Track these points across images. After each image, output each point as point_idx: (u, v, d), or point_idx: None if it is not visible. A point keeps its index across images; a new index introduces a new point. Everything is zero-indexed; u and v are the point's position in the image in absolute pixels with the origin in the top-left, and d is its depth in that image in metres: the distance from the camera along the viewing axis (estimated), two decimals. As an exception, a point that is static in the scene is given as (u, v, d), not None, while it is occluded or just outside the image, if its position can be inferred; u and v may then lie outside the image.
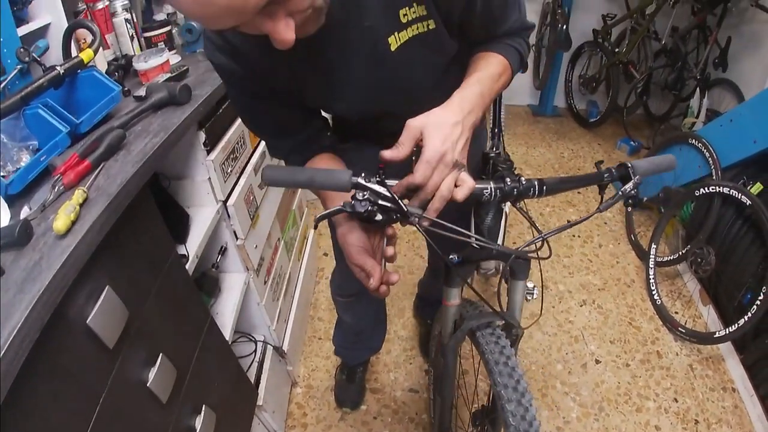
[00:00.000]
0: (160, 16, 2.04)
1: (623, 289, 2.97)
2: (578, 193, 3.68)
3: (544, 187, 1.00)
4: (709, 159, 2.71)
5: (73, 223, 0.91)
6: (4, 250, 0.88)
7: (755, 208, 2.30)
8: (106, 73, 1.59)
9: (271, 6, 0.73)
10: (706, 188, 2.58)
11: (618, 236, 3.39)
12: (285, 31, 0.77)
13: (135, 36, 1.78)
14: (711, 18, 3.75)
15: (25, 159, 1.13)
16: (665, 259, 2.89)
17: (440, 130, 0.91)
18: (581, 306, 2.84)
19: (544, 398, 2.33)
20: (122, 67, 1.65)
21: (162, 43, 1.83)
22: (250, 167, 1.78)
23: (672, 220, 3.03)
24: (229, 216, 1.63)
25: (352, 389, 2.31)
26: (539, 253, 1.08)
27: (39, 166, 1.10)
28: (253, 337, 2.04)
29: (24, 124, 1.18)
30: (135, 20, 1.78)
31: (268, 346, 2.07)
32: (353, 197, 0.90)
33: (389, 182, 0.91)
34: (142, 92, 1.43)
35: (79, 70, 1.33)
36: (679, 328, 2.59)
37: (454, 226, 0.98)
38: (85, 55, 1.33)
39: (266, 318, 1.97)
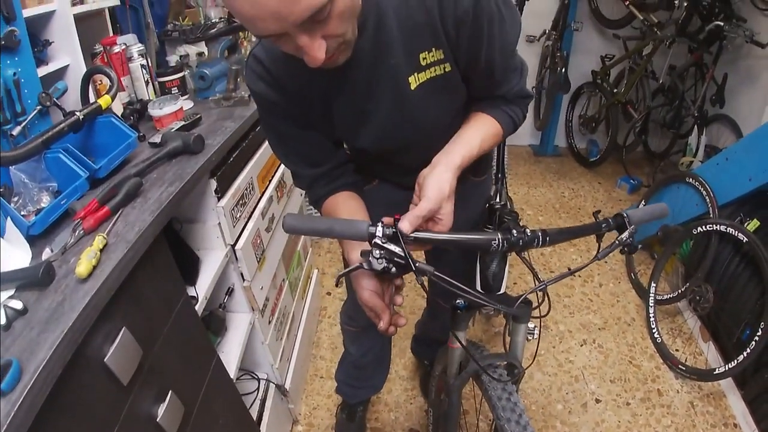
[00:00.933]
0: (173, 58, 2.13)
1: (624, 327, 2.99)
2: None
3: (548, 238, 1.06)
4: (706, 197, 2.76)
5: (94, 267, 0.96)
6: (27, 289, 0.93)
7: (752, 245, 2.34)
8: (121, 116, 1.66)
9: (311, 23, 0.83)
10: (703, 226, 2.63)
11: (618, 275, 3.43)
12: (318, 50, 0.88)
13: (150, 81, 1.85)
14: (707, 56, 3.84)
15: (45, 200, 1.19)
16: (665, 297, 2.92)
17: (440, 185, 1.04)
18: (581, 345, 2.86)
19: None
20: (137, 111, 1.72)
21: (175, 88, 1.91)
22: (257, 212, 1.84)
23: (671, 258, 3.07)
24: (237, 259, 1.68)
25: (352, 428, 2.32)
26: (539, 302, 1.17)
27: (59, 209, 1.16)
28: (256, 375, 2.07)
29: (44, 167, 1.25)
30: (150, 65, 1.85)
31: (271, 384, 2.10)
32: (371, 254, 0.97)
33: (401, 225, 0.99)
34: (156, 138, 1.50)
35: (97, 116, 1.40)
36: (680, 366, 2.60)
37: (459, 284, 1.04)
38: (103, 101, 1.40)
39: (269, 357, 2.01)
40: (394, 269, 0.98)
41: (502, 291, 1.24)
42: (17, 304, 0.89)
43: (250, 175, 1.81)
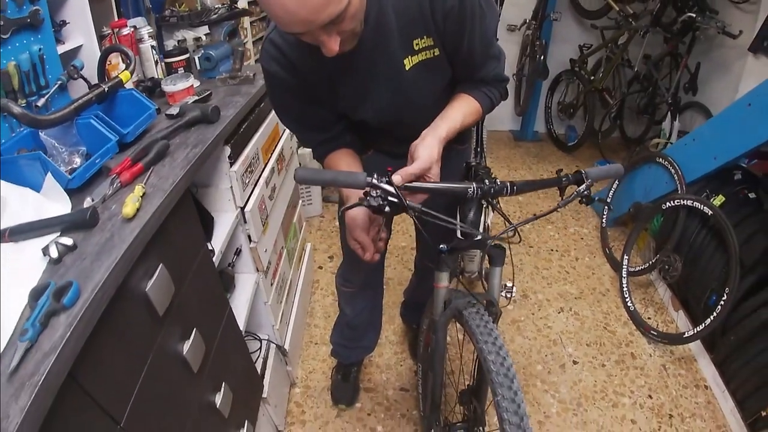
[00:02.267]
0: (170, 42, 2.26)
1: (599, 297, 3.16)
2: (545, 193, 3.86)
3: (515, 187, 1.27)
4: (675, 175, 2.94)
5: (138, 210, 1.11)
6: (72, 232, 1.07)
7: (717, 218, 2.51)
8: (134, 92, 1.80)
9: (329, 25, 1.04)
10: (672, 202, 2.81)
11: (593, 250, 3.61)
12: (333, 43, 1.09)
13: (158, 61, 1.98)
14: (681, 45, 4.00)
15: (77, 161, 1.32)
16: (637, 268, 3.09)
17: (430, 150, 1.26)
18: (559, 313, 3.03)
19: (525, 395, 2.45)
20: (148, 89, 1.85)
21: (181, 68, 2.04)
22: (262, 180, 1.99)
23: (644, 234, 3.25)
24: (245, 221, 1.82)
25: (347, 388, 2.46)
26: (511, 241, 1.41)
27: (95, 167, 1.30)
28: (258, 336, 2.20)
29: (75, 132, 1.38)
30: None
31: (272, 344, 2.23)
32: (368, 194, 1.17)
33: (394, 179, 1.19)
34: (173, 110, 1.64)
35: (120, 89, 1.54)
36: (652, 331, 2.77)
37: (443, 216, 1.25)
38: (124, 76, 1.54)
39: (271, 317, 2.14)
40: (387, 208, 1.17)
41: (478, 238, 1.41)
42: (67, 241, 1.02)
43: (256, 146, 1.95)
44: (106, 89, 1.47)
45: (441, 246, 1.47)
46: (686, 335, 2.57)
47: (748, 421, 2.22)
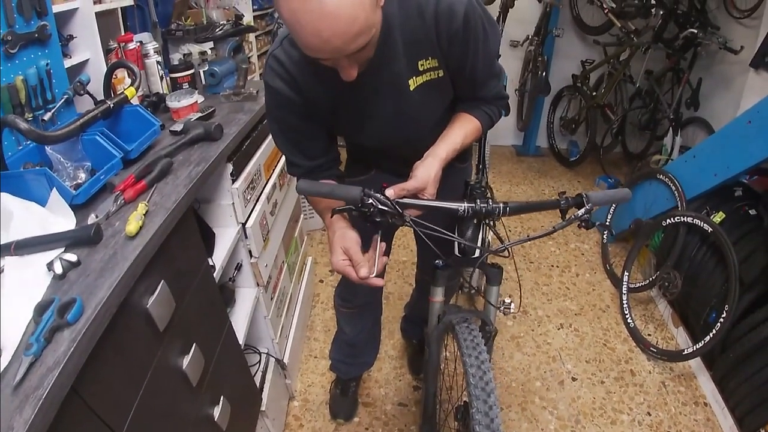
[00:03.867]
0: (176, 56, 2.27)
1: (598, 314, 3.15)
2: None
3: (507, 208, 1.28)
4: (675, 192, 2.95)
5: (141, 228, 1.13)
6: (76, 248, 1.09)
7: (717, 235, 2.51)
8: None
9: (355, 53, 1.06)
10: (672, 218, 2.81)
11: (594, 266, 3.61)
12: (353, 70, 1.14)
13: (163, 76, 2.00)
14: (683, 61, 4.01)
15: (82, 177, 1.35)
16: (637, 285, 3.09)
17: (428, 170, 1.29)
18: (559, 329, 3.02)
19: (524, 412, 2.48)
20: (153, 104, 1.88)
21: (186, 84, 2.06)
22: (264, 196, 2.01)
23: (644, 250, 3.25)
24: (246, 236, 1.84)
25: (345, 402, 2.46)
26: (502, 256, 1.41)
27: (99, 183, 1.33)
28: (257, 349, 2.21)
29: (81, 147, 1.40)
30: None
31: (271, 358, 2.24)
32: (361, 203, 1.19)
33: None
34: (176, 127, 1.67)
35: (125, 105, 1.56)
36: (651, 348, 2.75)
37: (439, 229, 1.28)
38: (129, 92, 1.57)
39: (271, 331, 2.15)
40: (378, 217, 1.20)
41: (476, 255, 1.42)
42: (72, 257, 1.04)
43: (258, 163, 1.98)
44: (112, 105, 1.50)
45: (437, 261, 1.52)
46: (686, 352, 2.56)
47: (748, 437, 2.20)
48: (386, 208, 1.20)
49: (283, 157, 2.30)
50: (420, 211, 1.28)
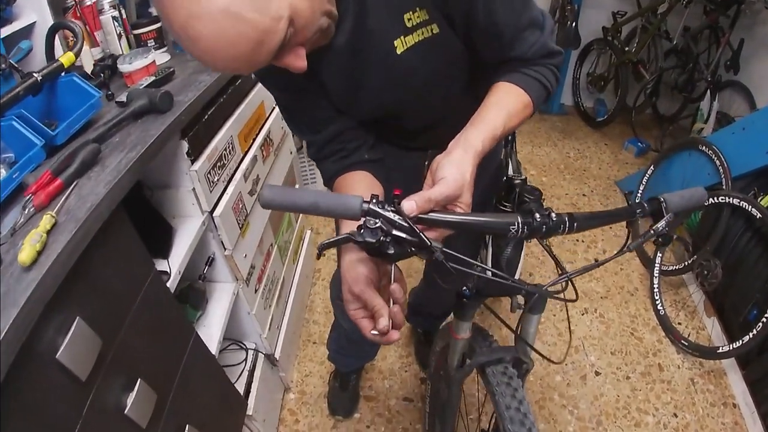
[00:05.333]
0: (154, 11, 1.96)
1: (626, 297, 2.91)
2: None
3: (575, 224, 0.91)
4: (720, 167, 2.65)
5: (39, 253, 0.85)
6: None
7: (765, 221, 2.25)
8: (91, 74, 1.53)
9: (277, 55, 0.81)
10: (715, 198, 2.52)
11: (622, 242, 3.25)
12: (297, 61, 0.85)
13: (123, 34, 1.70)
14: (724, 19, 3.69)
15: (2, 174, 1.07)
16: (670, 268, 2.84)
17: (460, 170, 0.87)
18: (583, 315, 2.79)
19: (541, 410, 2.30)
20: (109, 68, 1.57)
21: (152, 41, 1.76)
22: (239, 174, 1.73)
23: (678, 228, 2.98)
24: (215, 226, 1.57)
25: (344, 397, 2.28)
26: (564, 293, 1.03)
27: (12, 184, 1.04)
28: (244, 344, 2.00)
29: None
30: (124, 17, 1.70)
31: (260, 354, 2.04)
32: (364, 225, 0.81)
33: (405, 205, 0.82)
34: (122, 98, 1.37)
35: (60, 75, 1.27)
36: (682, 341, 2.54)
37: (481, 264, 0.92)
38: (66, 58, 1.27)
39: (257, 327, 1.94)
40: (391, 248, 0.82)
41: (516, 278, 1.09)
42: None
43: (230, 134, 1.68)
44: (40, 78, 1.20)
45: (464, 289, 1.15)
46: (720, 350, 2.35)
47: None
48: (404, 235, 0.81)
49: (268, 122, 2.04)
50: (450, 231, 0.90)
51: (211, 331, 1.62)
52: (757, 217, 2.29)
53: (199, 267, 1.65)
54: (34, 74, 1.20)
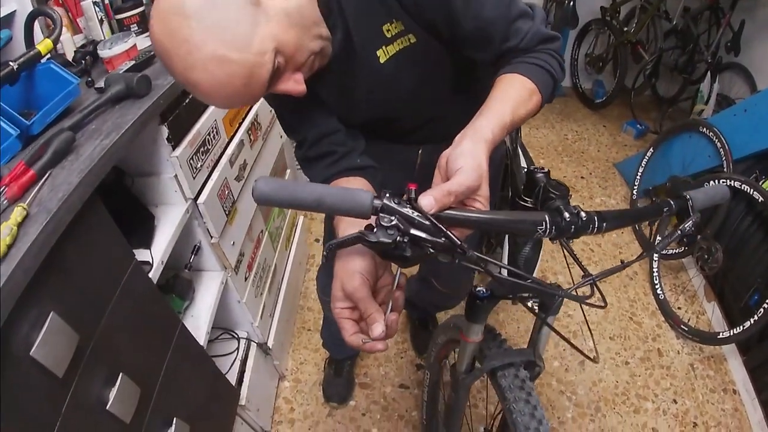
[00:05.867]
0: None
1: (625, 281, 2.88)
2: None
3: (604, 224, 0.85)
4: (721, 150, 2.60)
5: (9, 246, 0.81)
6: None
7: (767, 205, 2.21)
8: (72, 60, 1.48)
9: (273, 78, 0.85)
10: (716, 181, 2.47)
11: (630, 236, 3.28)
12: (295, 87, 0.91)
13: (106, 19, 1.65)
14: (724, 0, 3.65)
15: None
16: (670, 252, 2.81)
17: (475, 160, 0.79)
18: (581, 299, 2.74)
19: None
20: (90, 54, 1.52)
21: (135, 25, 1.71)
22: (224, 159, 1.68)
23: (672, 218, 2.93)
24: (200, 214, 1.53)
25: (339, 384, 2.26)
26: (584, 295, 0.97)
27: (-13, 177, 0.99)
28: (235, 333, 1.97)
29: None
30: (106, 2, 1.65)
31: (252, 343, 2.00)
32: (377, 223, 0.73)
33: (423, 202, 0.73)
34: (101, 84, 1.32)
35: (38, 63, 1.23)
36: (682, 326, 2.52)
37: (515, 269, 0.86)
38: (43, 46, 1.22)
39: (248, 315, 1.90)
40: (408, 250, 0.74)
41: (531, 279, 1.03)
42: None
43: (214, 118, 1.63)
44: (16, 67, 1.16)
45: (478, 289, 1.08)
46: (721, 336, 2.33)
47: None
48: (425, 234, 0.73)
49: (257, 104, 2.00)
50: (470, 230, 0.81)
51: (198, 321, 1.59)
52: (759, 200, 2.24)
53: (185, 256, 1.61)
54: (11, 63, 1.15)
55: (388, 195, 0.73)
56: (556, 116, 4.65)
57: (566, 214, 0.83)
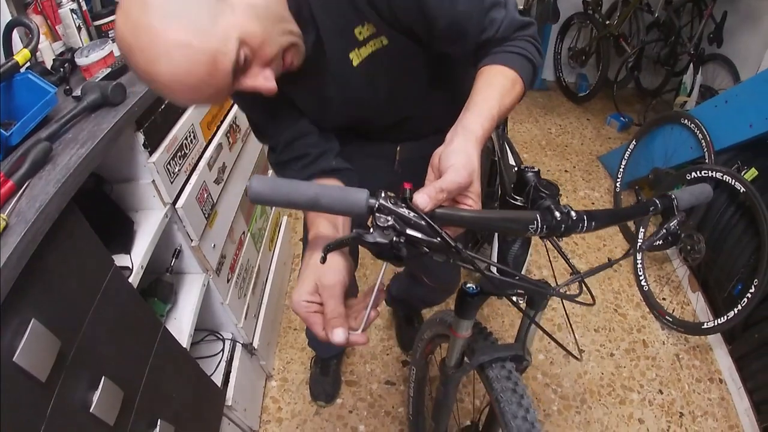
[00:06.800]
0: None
1: (609, 273, 2.89)
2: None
3: (593, 223, 0.88)
4: (702, 141, 2.62)
5: (-12, 257, 0.82)
6: None
7: (749, 196, 2.21)
8: (51, 69, 1.47)
9: (239, 71, 0.82)
10: (698, 172, 2.49)
11: (616, 232, 3.28)
12: (264, 83, 0.87)
13: (84, 26, 1.64)
14: (706, -9, 3.66)
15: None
16: (654, 243, 2.78)
17: (466, 157, 0.81)
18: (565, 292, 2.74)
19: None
20: (69, 62, 1.51)
21: (112, 30, 1.70)
22: (203, 163, 1.68)
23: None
24: (179, 218, 1.53)
25: (326, 382, 2.26)
26: (570, 292, 0.97)
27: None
28: (220, 335, 1.97)
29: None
30: (84, 9, 1.63)
31: (237, 343, 2.01)
32: (373, 223, 0.73)
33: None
34: (78, 92, 1.31)
35: (16, 73, 1.22)
36: (666, 317, 2.54)
37: (505, 267, 0.87)
38: (21, 56, 1.22)
39: (232, 317, 1.90)
40: (404, 250, 0.73)
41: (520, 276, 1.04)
42: None
43: (191, 122, 1.63)
44: (-5, 79, 1.16)
45: (468, 286, 1.08)
46: (705, 326, 2.34)
47: (765, 425, 2.05)
48: (419, 235, 0.74)
49: (234, 108, 1.98)
50: (462, 228, 0.83)
51: (181, 324, 1.59)
52: (741, 191, 2.26)
53: (166, 259, 1.62)
54: (-14, 75, 1.15)
55: (384, 195, 0.73)
56: (540, 110, 4.66)
57: (557, 214, 0.85)
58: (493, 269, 0.91)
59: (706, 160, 2.58)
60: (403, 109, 1.20)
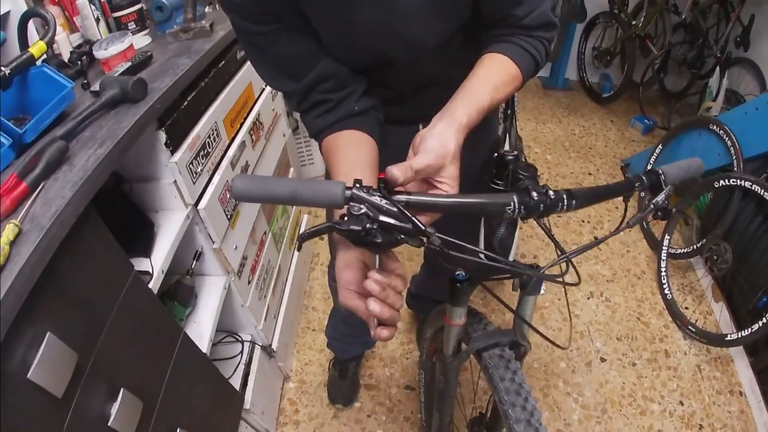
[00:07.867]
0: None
1: (633, 280, 2.85)
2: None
3: (574, 201, 0.87)
4: (731, 148, 2.55)
5: (2, 267, 0.78)
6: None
7: (777, 206, 2.15)
8: (68, 62, 1.43)
9: None
10: (726, 180, 2.43)
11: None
12: None
13: (102, 17, 1.61)
14: (734, -6, 3.60)
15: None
16: (678, 251, 2.76)
17: (442, 141, 0.84)
18: (588, 299, 2.72)
19: (545, 398, 2.25)
20: (86, 54, 1.47)
21: (132, 23, 1.67)
22: (225, 162, 1.64)
23: (687, 209, 2.89)
24: (201, 219, 1.50)
25: (344, 385, 2.24)
26: (561, 273, 0.97)
27: (-24, 190, 0.96)
28: (239, 336, 1.94)
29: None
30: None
31: (256, 345, 1.98)
32: (348, 212, 0.75)
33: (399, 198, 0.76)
34: (96, 87, 1.28)
35: (31, 66, 1.19)
36: (689, 327, 2.49)
37: (477, 249, 0.84)
38: (36, 49, 1.18)
39: (252, 319, 1.88)
40: (379, 237, 0.75)
41: (510, 259, 1.09)
42: None
43: (214, 120, 1.60)
44: (8, 72, 1.12)
45: (457, 273, 1.10)
46: (729, 338, 2.29)
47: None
48: (393, 221, 0.75)
49: (257, 104, 1.94)
50: (439, 214, 0.85)
51: (201, 328, 1.56)
52: (770, 201, 2.20)
53: (187, 261, 1.58)
54: (2, 68, 1.11)
55: (357, 186, 0.75)
56: (563, 111, 4.60)
57: (534, 194, 0.85)
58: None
59: (735, 168, 2.52)
60: (430, 62, 1.11)
